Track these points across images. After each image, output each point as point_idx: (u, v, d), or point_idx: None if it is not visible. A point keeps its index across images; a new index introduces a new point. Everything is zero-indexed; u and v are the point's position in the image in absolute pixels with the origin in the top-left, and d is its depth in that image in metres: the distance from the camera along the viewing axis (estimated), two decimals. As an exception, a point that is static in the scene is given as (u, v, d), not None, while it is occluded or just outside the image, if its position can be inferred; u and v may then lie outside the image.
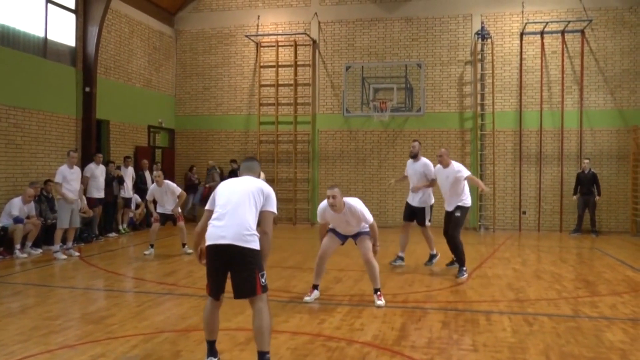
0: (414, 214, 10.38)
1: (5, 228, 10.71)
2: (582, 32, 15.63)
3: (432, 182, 10.16)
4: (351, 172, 17.04)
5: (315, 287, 7.46)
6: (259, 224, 4.80)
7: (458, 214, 9.30)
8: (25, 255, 10.76)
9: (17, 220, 10.80)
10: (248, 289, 4.79)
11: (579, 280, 8.88)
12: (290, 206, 17.33)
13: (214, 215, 4.81)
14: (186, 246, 11.40)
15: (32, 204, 11.38)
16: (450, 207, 9.46)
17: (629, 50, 15.45)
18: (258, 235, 4.73)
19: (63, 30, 13.69)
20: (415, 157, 10.50)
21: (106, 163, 13.85)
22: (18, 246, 10.71)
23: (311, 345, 5.51)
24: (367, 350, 5.39)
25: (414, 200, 10.42)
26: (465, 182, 9.40)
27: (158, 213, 11.44)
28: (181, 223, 11.46)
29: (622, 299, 7.55)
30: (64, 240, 11.02)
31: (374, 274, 7.21)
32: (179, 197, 11.38)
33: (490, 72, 16.09)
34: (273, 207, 4.91)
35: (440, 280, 8.77)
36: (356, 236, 7.39)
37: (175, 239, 13.73)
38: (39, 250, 11.25)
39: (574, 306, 7.14)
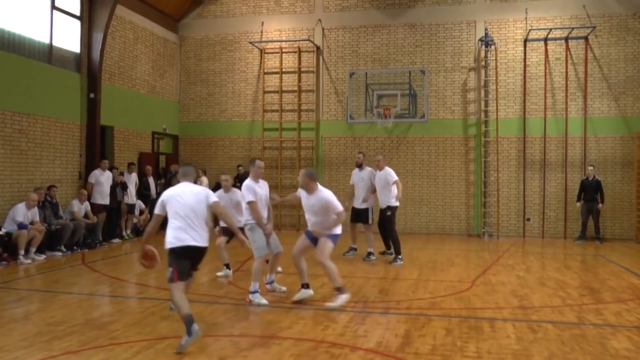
0: (359, 216, 11.72)
1: (9, 234, 10.73)
2: (586, 38, 15.63)
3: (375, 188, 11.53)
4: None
5: (302, 286, 7.66)
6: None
7: (389, 212, 11.11)
8: (29, 261, 10.77)
9: (21, 226, 10.81)
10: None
11: (583, 288, 8.84)
12: (294, 212, 17.32)
13: (176, 221, 5.87)
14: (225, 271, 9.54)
15: (36, 209, 11.38)
16: (382, 206, 11.25)
17: (632, 57, 15.43)
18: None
19: (68, 36, 13.75)
20: (360, 166, 11.86)
21: (110, 169, 13.88)
22: (22, 252, 10.72)
23: (315, 352, 5.50)
24: (371, 357, 5.37)
25: (358, 203, 11.68)
26: (394, 186, 11.07)
27: (221, 227, 9.53)
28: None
29: (627, 306, 7.51)
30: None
31: (331, 274, 7.49)
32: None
33: (494, 78, 16.09)
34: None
35: (444, 287, 8.75)
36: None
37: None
38: (43, 256, 11.25)
39: (579, 313, 7.11)
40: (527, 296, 8.12)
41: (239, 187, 16.91)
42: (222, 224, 9.45)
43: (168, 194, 6.07)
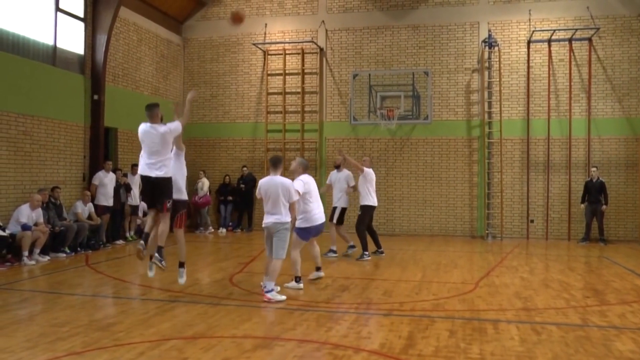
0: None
1: (13, 235, 10.75)
2: (590, 40, 15.60)
3: (353, 187, 11.97)
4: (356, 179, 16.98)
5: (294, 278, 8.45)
6: None
7: (360, 212, 11.77)
8: (33, 262, 10.79)
9: (25, 227, 10.84)
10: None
11: (587, 289, 8.82)
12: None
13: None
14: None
15: (40, 211, 11.40)
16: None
17: (636, 58, 15.40)
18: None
19: (72, 38, 13.79)
20: (338, 167, 12.17)
21: (113, 171, 13.90)
22: (26, 253, 10.73)
23: (318, 353, 5.49)
24: (374, 358, 5.36)
25: (334, 202, 12.07)
26: (366, 186, 11.67)
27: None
28: None
29: (631, 308, 7.49)
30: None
31: (293, 266, 8.35)
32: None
33: (498, 80, 16.08)
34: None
35: (448, 289, 8.73)
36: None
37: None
38: (47, 257, 11.28)
39: (583, 315, 7.09)
40: (531, 298, 8.10)
41: (242, 189, 17.06)
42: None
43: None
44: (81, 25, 14.04)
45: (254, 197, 17.44)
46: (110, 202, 13.54)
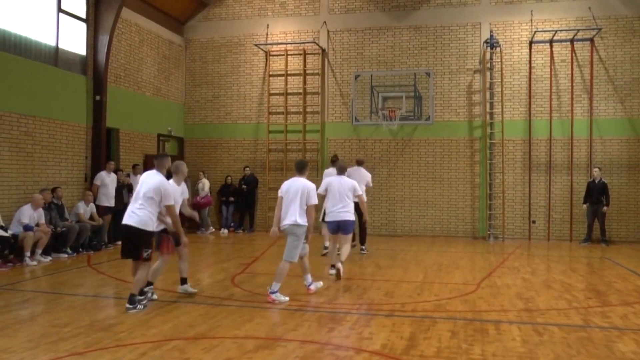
0: None
1: (15, 235, 10.76)
2: (592, 40, 15.59)
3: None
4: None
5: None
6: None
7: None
8: (35, 262, 10.80)
9: (27, 227, 10.85)
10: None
11: (589, 290, 8.81)
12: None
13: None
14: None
15: (42, 211, 11.42)
16: None
17: (639, 58, 15.38)
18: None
19: (74, 39, 13.81)
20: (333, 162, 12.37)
21: (115, 171, 13.91)
22: (28, 254, 10.74)
23: (320, 354, 5.49)
24: (376, 359, 5.36)
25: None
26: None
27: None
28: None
29: (633, 309, 7.48)
30: None
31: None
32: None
33: (500, 80, 16.07)
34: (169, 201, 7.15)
35: (450, 290, 8.73)
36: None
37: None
38: (49, 258, 11.29)
39: (585, 316, 7.08)
40: (533, 299, 8.09)
41: (245, 189, 17.06)
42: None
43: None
44: (83, 26, 14.05)
45: (256, 197, 17.48)
46: (111, 203, 13.55)
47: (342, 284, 8.95)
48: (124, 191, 14.06)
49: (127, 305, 7.07)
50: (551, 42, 15.83)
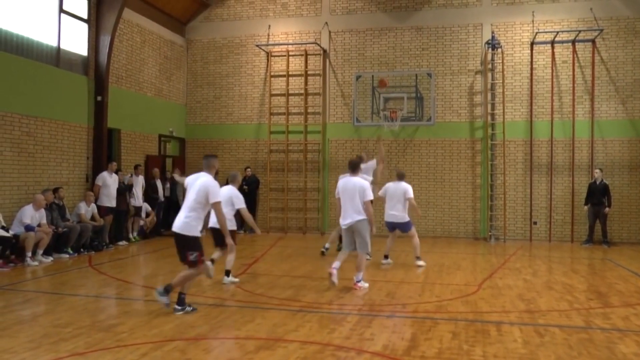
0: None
1: (17, 236, 10.77)
2: (593, 41, 15.58)
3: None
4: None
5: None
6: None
7: None
8: (36, 263, 10.81)
9: (28, 228, 10.86)
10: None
11: (590, 292, 8.81)
12: (301, 215, 17.33)
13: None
14: None
15: (44, 211, 11.43)
16: None
17: (640, 59, 15.39)
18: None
19: (76, 39, 13.82)
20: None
21: (116, 172, 13.91)
22: (29, 254, 10.75)
23: (321, 355, 5.49)
24: (377, 360, 5.37)
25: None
26: None
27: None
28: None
29: (635, 310, 7.47)
30: None
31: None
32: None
33: (501, 81, 16.06)
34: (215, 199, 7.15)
35: (451, 291, 8.72)
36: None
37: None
38: (50, 258, 11.29)
39: (586, 317, 7.07)
40: (534, 300, 8.09)
41: (246, 190, 17.08)
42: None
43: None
44: (85, 26, 14.06)
45: (257, 198, 17.48)
46: (113, 203, 13.57)
47: (343, 285, 8.95)
48: (127, 192, 14.10)
49: (175, 307, 7.07)
50: (552, 43, 15.82)
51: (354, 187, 8.65)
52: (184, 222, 7.07)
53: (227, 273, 8.97)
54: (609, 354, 5.58)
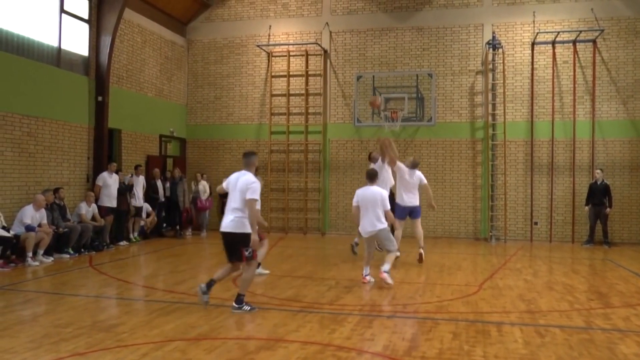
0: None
1: (17, 236, 10.77)
2: (594, 41, 15.57)
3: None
4: (362, 181, 16.74)
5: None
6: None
7: None
8: (37, 263, 10.81)
9: (29, 228, 10.86)
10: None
11: (591, 292, 8.80)
12: (301, 215, 17.32)
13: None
14: None
15: (44, 211, 11.43)
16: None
17: (641, 60, 15.38)
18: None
19: (76, 40, 13.82)
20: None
21: (116, 172, 13.91)
22: (30, 254, 10.75)
23: (321, 355, 5.49)
24: (378, 360, 5.37)
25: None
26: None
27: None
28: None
29: (635, 311, 7.47)
30: None
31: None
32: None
33: (502, 81, 16.06)
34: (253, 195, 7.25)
35: (451, 291, 8.72)
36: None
37: (188, 248, 13.78)
38: (51, 258, 11.30)
39: (587, 318, 7.07)
40: (535, 300, 8.08)
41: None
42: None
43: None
44: (86, 26, 14.07)
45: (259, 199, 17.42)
46: (113, 204, 13.57)
47: (344, 285, 8.95)
48: (127, 192, 14.09)
49: (233, 305, 7.21)
50: (553, 43, 15.82)
51: (373, 196, 9.02)
52: (235, 220, 7.21)
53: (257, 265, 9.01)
54: (610, 354, 5.58)
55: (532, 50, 16.00)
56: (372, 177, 9.35)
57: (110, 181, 13.50)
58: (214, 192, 17.40)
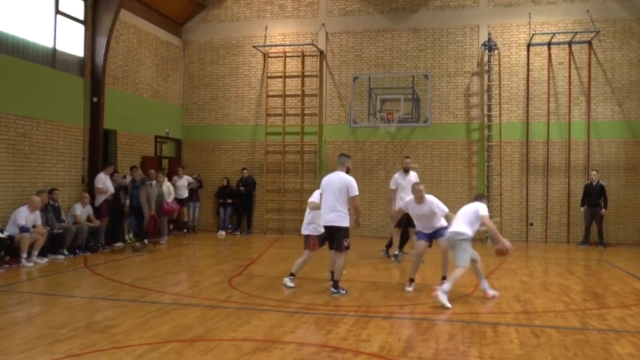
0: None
1: (11, 237, 10.73)
2: (590, 43, 15.61)
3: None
4: (358, 182, 16.88)
5: (411, 280, 8.90)
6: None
7: None
8: (31, 264, 10.77)
9: (23, 229, 10.82)
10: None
11: (586, 293, 8.81)
12: (297, 217, 17.28)
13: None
14: None
15: (39, 212, 11.40)
16: None
17: (636, 61, 15.40)
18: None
19: (72, 40, 13.79)
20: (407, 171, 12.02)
21: (112, 174, 13.88)
22: (24, 255, 10.72)
23: (317, 356, 5.48)
24: (373, 361, 5.36)
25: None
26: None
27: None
28: None
29: (630, 311, 7.48)
30: None
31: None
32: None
33: (497, 83, 16.08)
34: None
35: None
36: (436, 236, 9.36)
37: (184, 249, 13.75)
38: (45, 259, 11.26)
39: (582, 318, 7.07)
40: (530, 301, 8.09)
41: (242, 191, 17.03)
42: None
43: None
44: (81, 27, 14.04)
45: (254, 199, 17.45)
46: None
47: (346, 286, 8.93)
48: (122, 193, 14.05)
49: (332, 290, 8.32)
50: (549, 44, 15.85)
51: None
52: (336, 215, 8.24)
53: (291, 275, 9.04)
54: (605, 354, 5.59)
55: (528, 51, 16.04)
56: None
57: (107, 183, 13.48)
58: (211, 192, 17.39)
